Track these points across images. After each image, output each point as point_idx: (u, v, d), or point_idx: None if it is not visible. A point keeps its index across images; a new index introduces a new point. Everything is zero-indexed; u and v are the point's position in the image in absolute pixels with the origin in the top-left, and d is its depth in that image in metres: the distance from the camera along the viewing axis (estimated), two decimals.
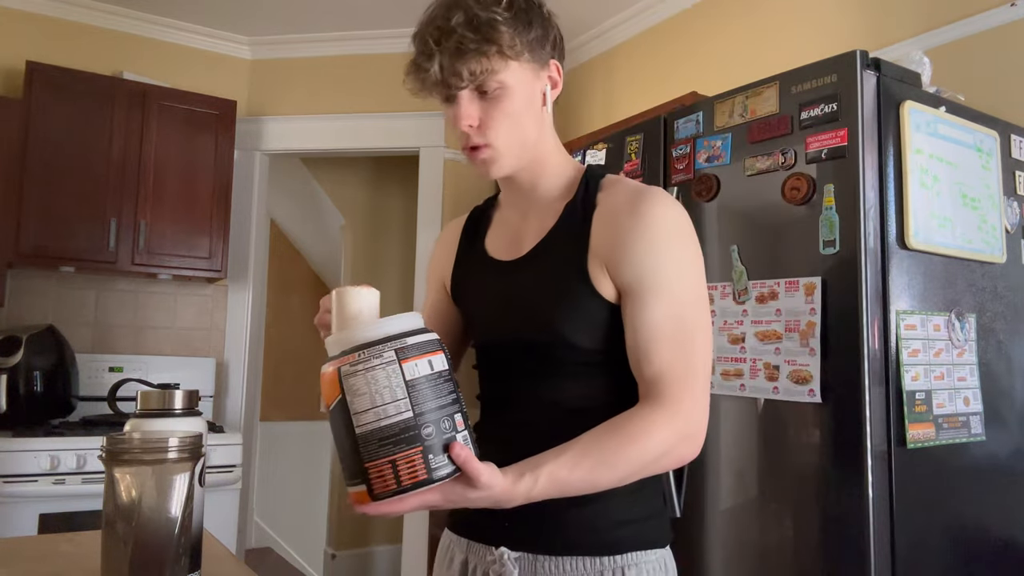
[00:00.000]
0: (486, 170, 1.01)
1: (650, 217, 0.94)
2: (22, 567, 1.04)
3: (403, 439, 0.75)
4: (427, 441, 0.76)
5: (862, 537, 1.36)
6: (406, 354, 0.77)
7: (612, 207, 0.97)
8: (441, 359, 0.80)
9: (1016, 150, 1.77)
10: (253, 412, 3.58)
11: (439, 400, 0.78)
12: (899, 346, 1.43)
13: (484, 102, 0.96)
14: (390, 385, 0.76)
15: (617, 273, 0.94)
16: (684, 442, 0.89)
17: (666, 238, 0.93)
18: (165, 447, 0.85)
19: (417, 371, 0.77)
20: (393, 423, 0.75)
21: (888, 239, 1.45)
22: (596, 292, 0.95)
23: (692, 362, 0.90)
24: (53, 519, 2.51)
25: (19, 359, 2.73)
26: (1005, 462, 1.62)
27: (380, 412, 0.75)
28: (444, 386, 0.79)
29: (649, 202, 0.95)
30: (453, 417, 0.78)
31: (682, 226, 0.95)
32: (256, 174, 3.57)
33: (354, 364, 0.77)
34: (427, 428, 0.76)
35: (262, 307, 3.69)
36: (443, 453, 0.76)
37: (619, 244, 0.94)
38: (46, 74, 2.91)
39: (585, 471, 0.85)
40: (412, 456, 0.75)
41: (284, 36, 3.55)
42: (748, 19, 2.71)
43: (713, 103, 1.74)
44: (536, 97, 1.00)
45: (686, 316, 0.92)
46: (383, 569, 4.21)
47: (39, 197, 2.86)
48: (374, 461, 0.75)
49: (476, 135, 0.97)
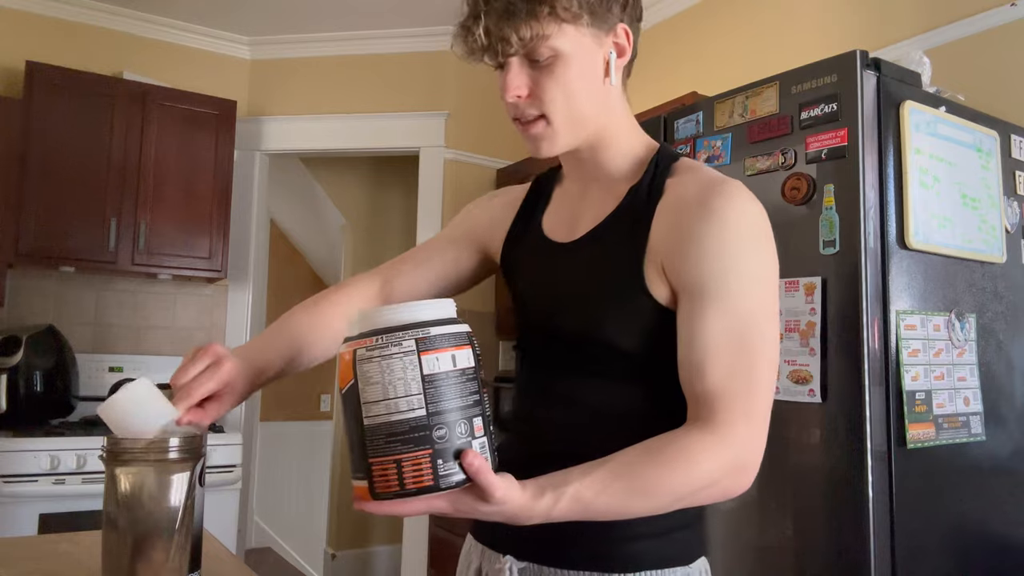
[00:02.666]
0: (536, 147, 0.90)
1: (722, 214, 0.82)
2: (22, 567, 1.04)
3: (412, 438, 0.69)
4: (438, 444, 0.69)
5: (862, 537, 1.36)
6: (427, 345, 0.70)
7: (679, 198, 0.87)
8: (467, 355, 0.73)
9: (1016, 150, 1.77)
10: (253, 412, 3.58)
11: (458, 400, 0.71)
12: (899, 346, 1.43)
13: (535, 71, 0.86)
14: (405, 378, 0.69)
15: (676, 275, 0.84)
16: (733, 474, 0.78)
17: (737, 240, 0.82)
18: (165, 447, 0.85)
19: (437, 366, 0.70)
20: (403, 419, 0.69)
21: (888, 239, 1.45)
22: (648, 293, 0.85)
23: (753, 382, 0.79)
24: (53, 519, 2.51)
25: (19, 359, 2.73)
26: (1005, 462, 1.62)
27: (391, 405, 0.69)
28: (466, 385, 0.72)
29: (723, 197, 0.83)
30: (471, 421, 0.71)
31: (759, 227, 0.84)
32: (256, 174, 3.57)
33: (370, 349, 0.70)
34: (440, 430, 0.70)
35: (262, 307, 3.69)
36: (454, 459, 0.69)
37: (682, 242, 0.83)
38: (46, 74, 2.91)
39: (614, 496, 0.75)
40: (420, 458, 0.69)
41: (284, 36, 3.55)
42: (748, 19, 2.71)
43: (713, 103, 1.74)
44: (596, 66, 0.88)
45: (752, 331, 0.80)
46: (383, 569, 4.21)
47: (39, 197, 2.86)
48: (379, 458, 0.70)
49: (525, 107, 0.87)
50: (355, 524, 4.16)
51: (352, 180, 4.41)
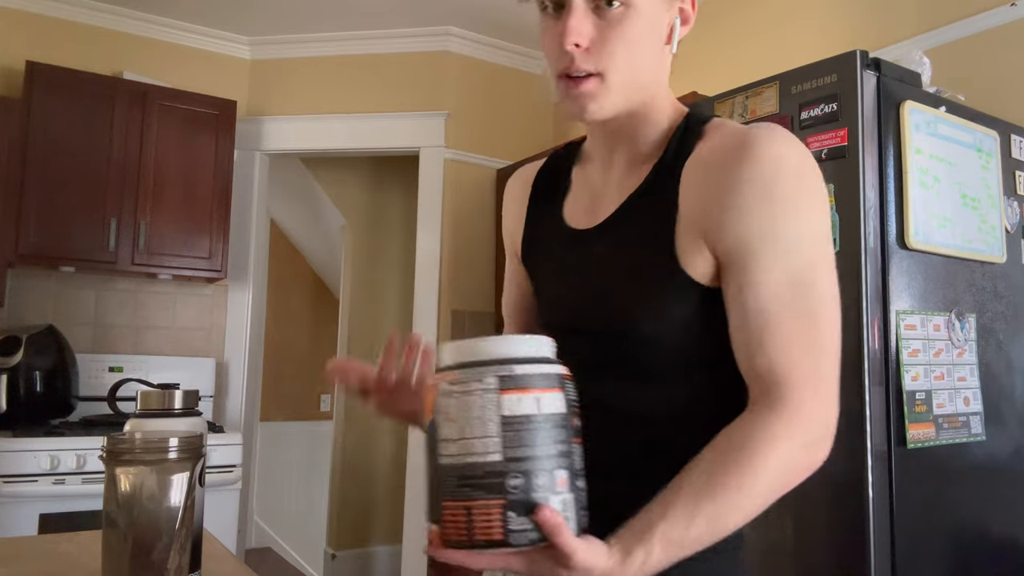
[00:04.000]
0: (582, 107, 0.80)
1: (762, 160, 0.73)
2: (22, 567, 1.04)
3: (483, 485, 0.63)
4: (512, 495, 0.62)
5: (862, 537, 1.36)
6: (510, 384, 0.64)
7: (708, 156, 0.77)
8: (556, 399, 0.66)
9: (1016, 150, 1.77)
10: (253, 412, 3.58)
11: (540, 448, 0.64)
12: (899, 346, 1.43)
13: (601, 20, 0.77)
14: (483, 417, 0.64)
15: (717, 238, 0.74)
16: (813, 455, 0.72)
17: (782, 185, 0.72)
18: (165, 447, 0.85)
19: (519, 407, 0.64)
20: (477, 463, 0.63)
21: (888, 239, 1.45)
22: (685, 274, 0.76)
23: (818, 348, 0.71)
24: (53, 519, 2.51)
25: (19, 359, 2.73)
26: (1005, 462, 1.62)
27: (466, 446, 0.64)
28: (551, 432, 0.64)
29: (760, 141, 0.74)
30: (553, 473, 0.64)
31: (805, 169, 0.74)
32: (256, 174, 3.57)
33: (452, 383, 0.66)
34: (515, 479, 0.63)
35: (262, 307, 3.69)
36: (529, 514, 0.62)
37: (717, 200, 0.74)
38: (46, 74, 2.91)
39: (704, 522, 0.67)
40: (491, 508, 0.62)
41: (284, 36, 3.55)
42: (748, 19, 2.72)
43: (713, 103, 1.74)
44: (662, 29, 0.81)
45: (810, 290, 0.72)
46: (383, 569, 4.21)
47: (39, 197, 2.86)
48: (451, 501, 0.64)
49: (582, 59, 0.77)
50: (355, 524, 4.16)
51: (352, 180, 4.41)
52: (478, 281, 3.43)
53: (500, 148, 3.55)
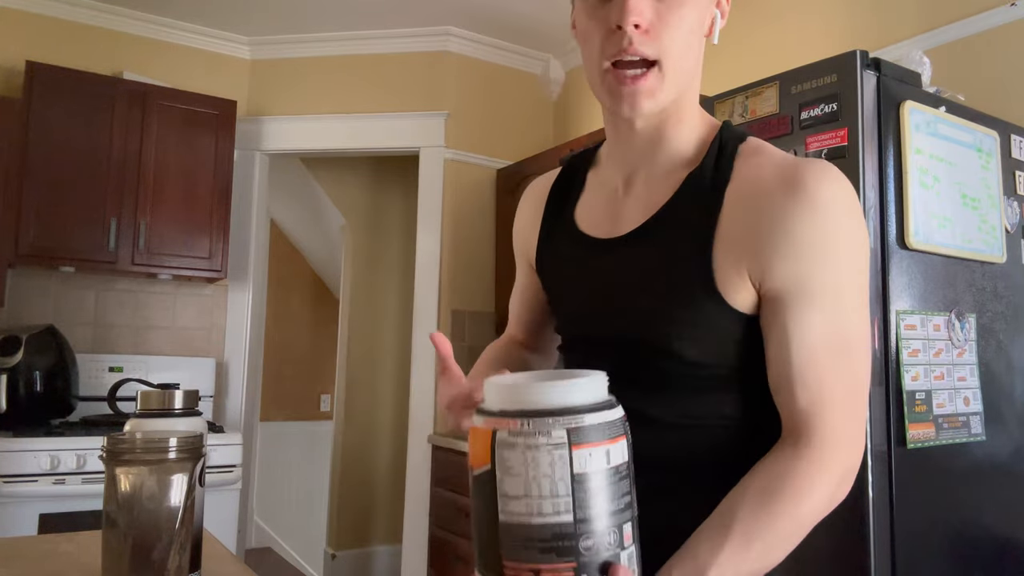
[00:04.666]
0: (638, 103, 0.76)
1: (816, 201, 0.71)
2: (22, 567, 1.04)
3: (555, 547, 0.59)
4: (584, 556, 0.59)
5: (862, 537, 1.35)
6: (581, 438, 0.59)
7: (755, 184, 0.74)
8: (622, 448, 0.62)
9: (1016, 150, 1.77)
10: (253, 412, 3.58)
11: (610, 505, 0.60)
12: (899, 346, 1.43)
13: (659, 3, 0.74)
14: (552, 475, 0.59)
15: (765, 275, 0.72)
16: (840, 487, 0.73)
17: (835, 228, 0.71)
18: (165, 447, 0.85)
19: (591, 464, 0.59)
20: (547, 524, 0.59)
21: (888, 239, 1.45)
22: (721, 297, 0.74)
23: (855, 389, 0.73)
24: (53, 519, 2.51)
25: (19, 359, 2.73)
26: (1005, 462, 1.62)
27: (533, 505, 0.59)
28: (619, 486, 0.61)
29: (813, 179, 0.72)
30: (622, 528, 0.61)
31: (855, 212, 0.73)
32: (256, 174, 3.57)
33: (514, 434, 0.60)
34: (588, 540, 0.59)
35: (262, 307, 3.69)
36: (600, 573, 0.59)
37: (768, 237, 0.72)
38: (46, 74, 2.91)
39: (753, 561, 0.69)
40: (562, 571, 0.59)
41: (284, 36, 3.55)
42: (748, 19, 2.72)
43: (713, 103, 1.74)
44: (707, 19, 0.80)
45: (852, 331, 0.72)
46: (383, 569, 4.21)
47: (39, 197, 2.86)
48: (515, 563, 0.60)
49: (641, 41, 0.73)
50: (355, 524, 4.16)
51: (352, 180, 4.41)
52: (478, 281, 3.43)
53: (500, 148, 3.55)
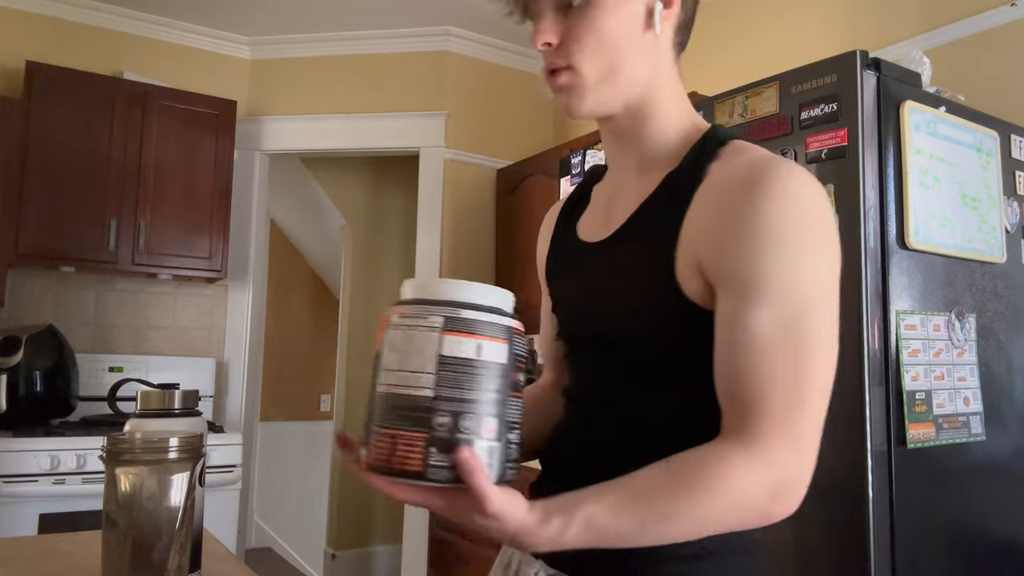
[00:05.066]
0: (566, 102, 0.81)
1: (767, 195, 0.71)
2: (22, 567, 1.04)
3: (412, 417, 0.64)
4: (436, 432, 0.63)
5: (862, 537, 1.36)
6: (454, 326, 0.65)
7: (721, 182, 0.75)
8: (499, 349, 0.66)
9: (1016, 150, 1.77)
10: (253, 412, 3.58)
11: (472, 393, 0.64)
12: (899, 346, 1.43)
13: (569, 18, 0.79)
14: (423, 353, 0.65)
15: (714, 269, 0.73)
16: (773, 499, 0.69)
17: (788, 227, 0.70)
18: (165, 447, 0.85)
19: (458, 349, 0.64)
20: (410, 395, 0.64)
21: (888, 239, 1.45)
22: (680, 291, 0.75)
23: (801, 389, 0.69)
24: (53, 519, 2.51)
25: (19, 359, 2.73)
26: (1005, 462, 1.62)
27: (403, 378, 0.65)
28: (487, 380, 0.65)
29: (776, 177, 0.72)
30: (483, 419, 0.64)
31: (813, 209, 0.72)
32: (256, 174, 3.57)
33: (402, 316, 0.67)
34: (442, 417, 0.64)
35: (262, 307, 3.69)
36: (450, 453, 0.63)
37: (720, 231, 0.72)
38: (46, 74, 2.91)
39: (632, 521, 0.66)
40: (414, 440, 0.64)
41: (284, 36, 3.55)
42: (748, 19, 2.72)
43: (713, 103, 1.74)
44: (637, 16, 0.79)
45: (800, 328, 0.69)
46: (383, 569, 4.21)
47: (39, 197, 2.86)
48: (379, 428, 0.66)
49: (554, 55, 0.79)
50: (355, 524, 4.16)
51: (352, 180, 4.41)
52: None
53: (500, 148, 3.55)
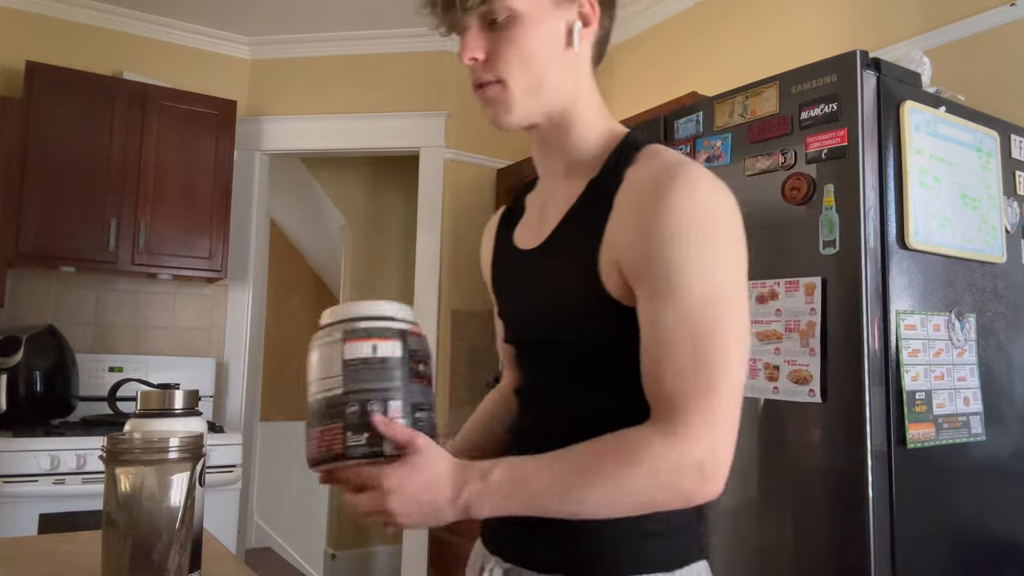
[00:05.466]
0: (494, 113, 0.87)
1: (671, 198, 0.76)
2: (22, 567, 1.04)
3: (329, 414, 0.78)
4: (349, 419, 0.77)
5: (862, 537, 1.36)
6: (352, 335, 0.80)
7: (636, 186, 0.81)
8: (391, 346, 0.80)
9: (1016, 150, 1.77)
10: (253, 412, 3.58)
11: (373, 384, 0.78)
12: (899, 346, 1.43)
13: (493, 33, 0.85)
14: (331, 362, 0.79)
15: (630, 269, 0.78)
16: (694, 478, 0.73)
17: (687, 224, 0.75)
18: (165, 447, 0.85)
19: (357, 352, 0.79)
20: (326, 397, 0.79)
21: (888, 239, 1.45)
22: (605, 291, 0.80)
23: (713, 378, 0.73)
24: (53, 519, 2.51)
25: (19, 359, 2.73)
26: (1005, 462, 1.62)
27: (321, 385, 0.80)
28: (385, 372, 0.79)
29: (674, 180, 0.77)
30: (387, 403, 0.78)
31: (713, 209, 0.77)
32: (256, 174, 3.57)
33: (316, 339, 0.82)
34: (352, 407, 0.77)
35: (262, 307, 3.69)
36: (363, 432, 0.77)
37: (634, 232, 0.78)
38: (46, 74, 2.91)
39: (554, 477, 0.73)
40: (333, 430, 0.78)
41: (284, 36, 3.55)
42: (748, 19, 2.72)
43: (713, 103, 1.74)
44: (557, 32, 0.85)
45: (707, 321, 0.74)
46: (383, 569, 4.20)
47: (39, 197, 2.86)
48: (312, 429, 0.80)
49: (481, 70, 0.86)
50: (355, 524, 4.16)
51: (352, 180, 4.41)
52: (478, 281, 3.43)
53: (500, 148, 3.55)
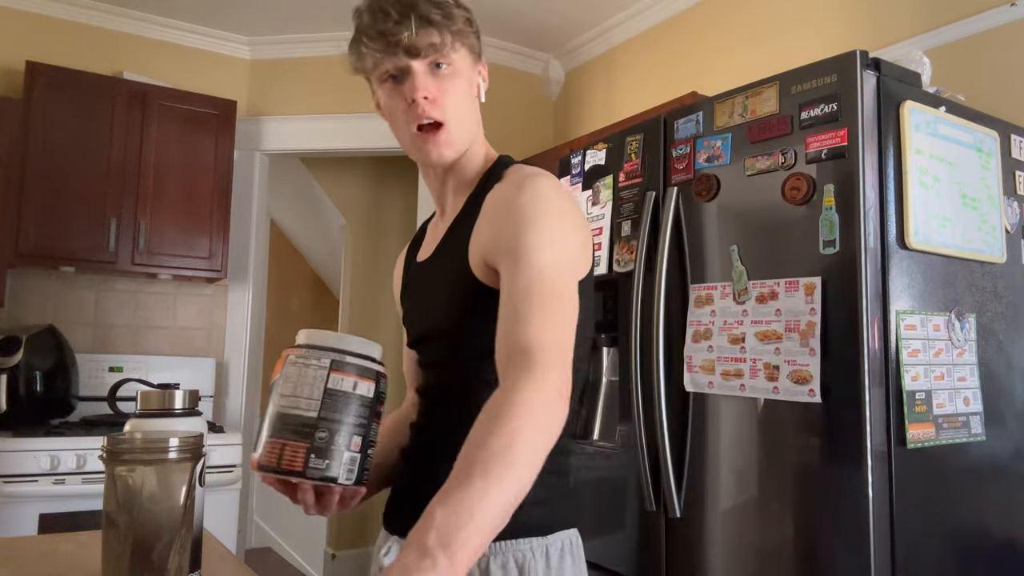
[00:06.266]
0: (439, 153, 1.00)
1: (517, 196, 0.94)
2: (22, 567, 1.04)
3: (299, 432, 0.84)
4: (316, 443, 0.84)
5: (862, 537, 1.36)
6: (338, 367, 0.86)
7: (497, 194, 0.98)
8: (368, 387, 0.88)
9: (1016, 150, 1.77)
10: (253, 412, 3.58)
11: (345, 417, 0.86)
12: (899, 346, 1.43)
13: (436, 79, 0.98)
14: (312, 383, 0.86)
15: (487, 251, 0.94)
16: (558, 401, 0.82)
17: (532, 213, 0.92)
18: (166, 447, 0.85)
19: (340, 385, 0.86)
20: (300, 415, 0.85)
21: (888, 239, 1.45)
22: (478, 280, 0.96)
23: (558, 328, 0.87)
24: (53, 519, 2.51)
25: (19, 359, 2.73)
26: (1005, 462, 1.62)
27: (295, 401, 0.85)
28: (358, 409, 0.87)
29: (525, 183, 0.95)
30: (351, 437, 0.86)
31: (549, 199, 0.94)
32: (256, 174, 3.57)
33: (299, 357, 0.88)
34: (322, 432, 0.85)
35: (262, 307, 3.69)
36: (326, 459, 0.84)
37: (492, 230, 0.95)
38: (46, 74, 2.91)
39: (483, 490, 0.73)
40: (298, 447, 0.84)
41: (284, 36, 3.55)
42: (748, 19, 2.72)
43: (713, 103, 1.74)
44: (473, 86, 1.04)
45: (550, 282, 0.88)
46: None
47: (39, 197, 2.86)
48: (272, 437, 0.85)
49: (430, 108, 0.98)
50: (355, 524, 4.16)
51: (352, 180, 4.41)
52: None
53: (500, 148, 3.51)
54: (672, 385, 1.72)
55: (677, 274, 1.76)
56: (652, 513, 1.74)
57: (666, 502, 1.69)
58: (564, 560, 0.94)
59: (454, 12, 0.98)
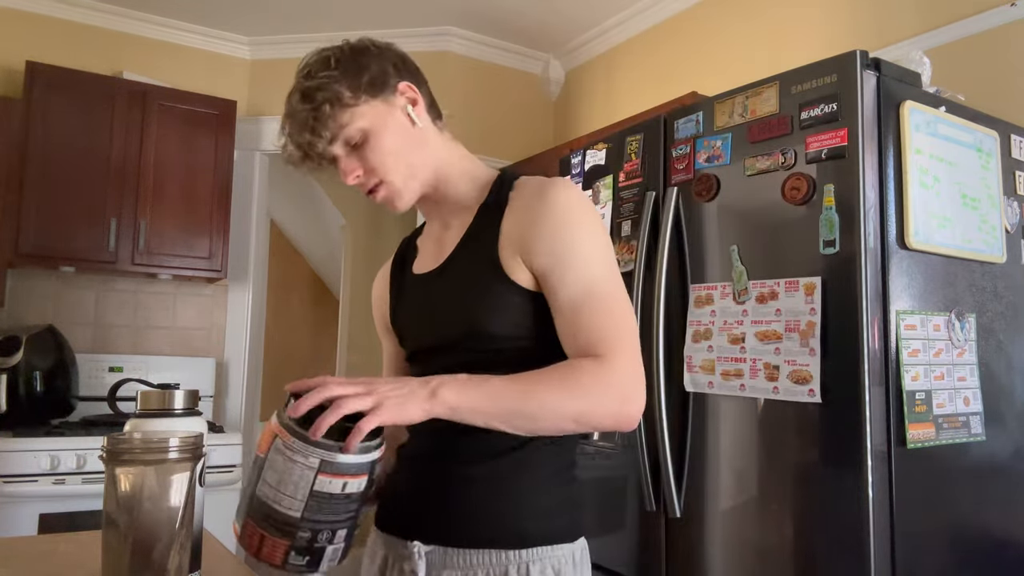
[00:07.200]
0: (395, 206, 1.06)
1: (553, 202, 0.98)
2: (22, 567, 1.04)
3: (280, 528, 0.82)
4: (297, 541, 0.82)
5: (862, 537, 1.36)
6: (327, 469, 0.81)
7: (521, 201, 1.02)
8: (359, 482, 0.84)
9: (1016, 150, 1.77)
10: (253, 412, 3.58)
11: (331, 516, 0.83)
12: (899, 346, 1.43)
13: (357, 151, 1.02)
14: (298, 484, 0.81)
15: (530, 259, 0.97)
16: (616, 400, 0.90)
17: (568, 220, 0.97)
18: (166, 447, 0.85)
19: (327, 487, 0.81)
20: (281, 511, 0.82)
21: (888, 239, 1.45)
22: (510, 279, 0.98)
23: (621, 328, 0.94)
24: (53, 519, 2.51)
25: (19, 359, 2.73)
26: (1005, 462, 1.62)
27: (278, 496, 0.82)
28: (346, 505, 0.84)
29: (553, 189, 0.99)
30: (336, 531, 0.84)
31: (584, 207, 1.00)
32: (256, 174, 3.57)
33: (287, 445, 0.82)
34: (304, 532, 0.82)
35: (262, 307, 3.69)
36: (306, 556, 0.83)
37: (529, 230, 0.98)
38: (46, 74, 2.91)
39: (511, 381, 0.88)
40: (278, 544, 0.83)
41: (284, 36, 3.55)
42: (748, 19, 2.72)
43: (713, 103, 1.74)
44: (401, 123, 1.04)
45: (605, 287, 0.95)
46: None
47: (39, 197, 2.86)
48: (253, 522, 0.84)
49: (366, 178, 1.03)
50: None
51: None
52: None
53: (500, 148, 3.55)
54: (672, 385, 1.72)
55: (677, 274, 1.76)
56: (652, 513, 1.74)
57: (666, 502, 1.69)
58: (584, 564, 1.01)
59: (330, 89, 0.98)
